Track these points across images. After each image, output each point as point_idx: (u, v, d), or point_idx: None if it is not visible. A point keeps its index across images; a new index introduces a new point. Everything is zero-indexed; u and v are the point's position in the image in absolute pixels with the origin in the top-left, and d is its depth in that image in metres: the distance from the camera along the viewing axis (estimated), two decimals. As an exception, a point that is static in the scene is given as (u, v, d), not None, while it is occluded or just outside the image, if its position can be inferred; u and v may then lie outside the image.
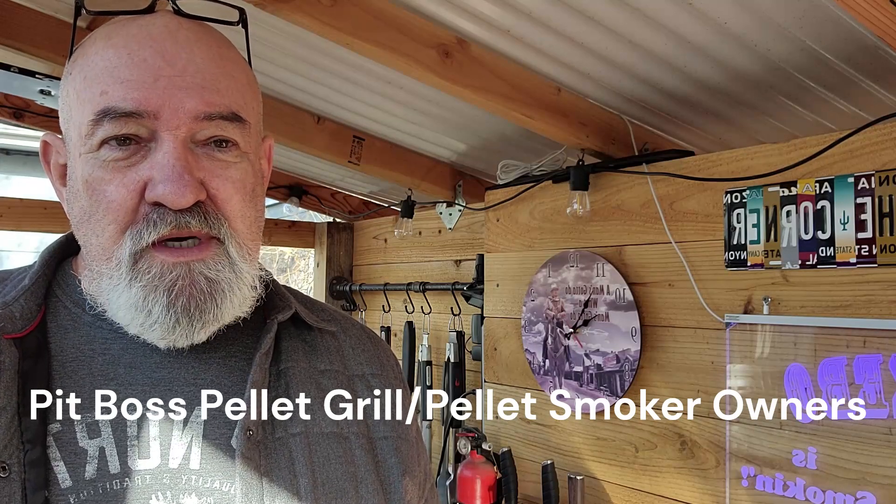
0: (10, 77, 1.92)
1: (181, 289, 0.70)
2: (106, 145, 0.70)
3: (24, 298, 0.74)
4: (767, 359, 1.54)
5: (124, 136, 0.70)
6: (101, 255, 0.72)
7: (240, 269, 0.74)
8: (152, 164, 0.70)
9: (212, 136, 0.72)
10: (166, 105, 0.69)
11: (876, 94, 1.70)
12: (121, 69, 0.70)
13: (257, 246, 0.78)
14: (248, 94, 0.77)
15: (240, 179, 0.74)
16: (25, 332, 0.72)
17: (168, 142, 0.70)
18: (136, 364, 0.74)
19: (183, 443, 0.72)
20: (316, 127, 2.29)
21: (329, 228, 3.20)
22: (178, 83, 0.70)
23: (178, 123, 0.70)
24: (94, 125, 0.70)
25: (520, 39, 1.61)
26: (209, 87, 0.72)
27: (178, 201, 0.69)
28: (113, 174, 0.70)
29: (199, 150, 0.72)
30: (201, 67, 0.72)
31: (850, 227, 1.42)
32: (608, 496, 1.86)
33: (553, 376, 1.99)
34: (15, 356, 0.70)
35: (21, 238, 5.90)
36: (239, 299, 0.75)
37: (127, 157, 0.70)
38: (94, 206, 0.71)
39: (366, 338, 0.91)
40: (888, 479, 1.36)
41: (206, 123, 0.71)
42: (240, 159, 0.75)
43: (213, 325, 0.73)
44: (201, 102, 0.71)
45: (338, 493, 0.75)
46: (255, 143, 0.78)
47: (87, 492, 0.67)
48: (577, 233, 1.97)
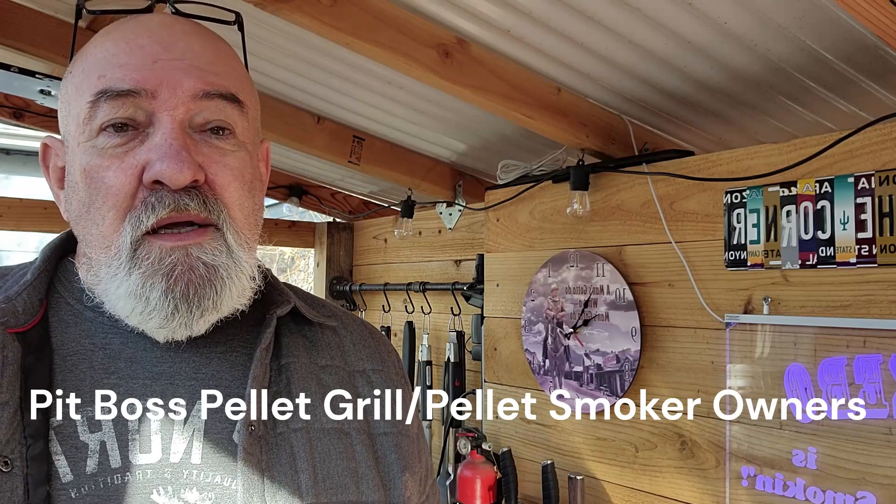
0: (10, 77, 1.92)
1: (180, 274, 0.70)
2: (104, 133, 0.70)
3: (27, 293, 0.74)
4: (767, 359, 1.54)
5: (122, 122, 0.70)
6: (101, 243, 0.72)
7: (238, 257, 0.74)
8: (150, 147, 0.70)
9: (209, 121, 0.73)
10: (164, 84, 0.70)
11: (876, 94, 1.70)
12: (119, 56, 0.71)
13: (255, 238, 0.78)
14: (246, 84, 0.78)
15: (238, 167, 0.74)
16: (28, 327, 0.72)
17: (166, 123, 0.70)
18: (137, 358, 0.74)
19: (184, 437, 0.72)
20: (316, 127, 2.29)
21: (329, 228, 3.20)
22: (177, 65, 0.71)
23: (175, 103, 0.70)
24: (92, 107, 0.70)
25: (520, 39, 1.61)
26: (207, 70, 0.72)
27: (177, 177, 0.68)
28: (111, 160, 0.70)
29: (197, 135, 0.72)
30: (199, 53, 0.73)
31: (850, 227, 1.42)
32: (608, 496, 1.86)
33: (553, 376, 1.99)
34: (18, 351, 0.70)
35: (21, 238, 5.90)
36: (238, 289, 0.74)
37: (125, 143, 0.70)
38: (93, 194, 0.71)
39: (367, 333, 0.91)
40: (888, 479, 1.36)
41: (205, 103, 0.72)
42: (237, 148, 0.75)
43: (212, 315, 0.73)
44: (199, 81, 0.71)
45: (338, 488, 0.75)
46: (252, 135, 0.78)
47: (88, 486, 0.67)
48: (577, 233, 1.97)
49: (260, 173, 0.82)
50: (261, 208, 0.81)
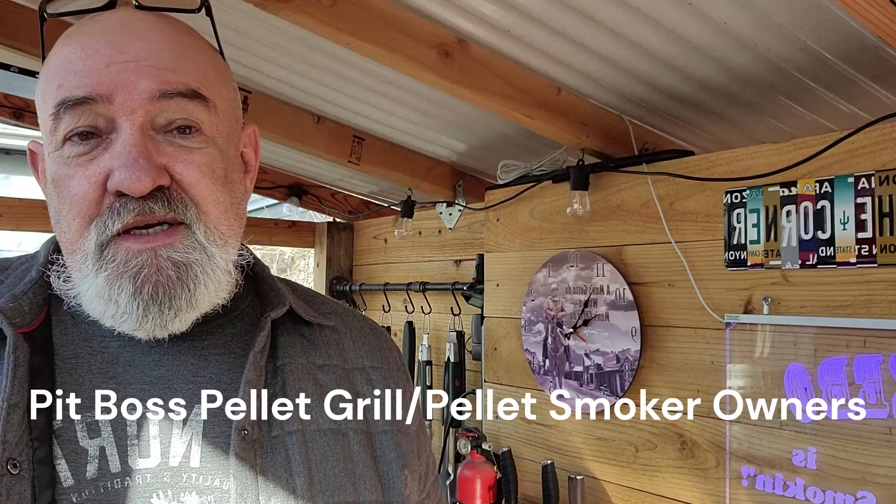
0: (10, 77, 1.92)
1: (146, 276, 0.69)
2: (68, 142, 0.70)
3: (32, 292, 0.74)
4: (767, 359, 1.54)
5: (84, 130, 0.69)
6: (69, 248, 0.72)
7: (211, 253, 0.73)
8: (112, 154, 0.69)
9: (172, 121, 0.71)
10: (119, 87, 0.69)
11: (876, 94, 1.70)
12: (74, 62, 0.70)
13: (233, 232, 0.77)
14: (212, 74, 0.75)
15: (206, 163, 0.73)
16: (33, 327, 0.72)
17: (126, 128, 0.69)
18: (135, 362, 0.74)
19: (183, 441, 0.72)
20: (316, 127, 2.29)
21: (329, 228, 3.20)
22: (131, 67, 0.69)
23: (133, 106, 0.69)
24: (54, 120, 0.70)
25: (520, 39, 1.61)
26: (164, 68, 0.71)
27: (135, 186, 0.68)
28: (75, 169, 0.70)
29: (161, 137, 0.71)
30: (155, 52, 0.71)
31: (850, 226, 1.42)
32: (608, 496, 1.86)
33: (553, 376, 1.99)
34: (27, 351, 0.70)
35: (21, 238, 5.90)
36: (214, 284, 0.74)
37: (88, 152, 0.70)
38: (61, 203, 0.71)
39: (368, 330, 0.90)
40: (888, 479, 1.36)
41: (165, 103, 0.70)
42: (205, 144, 0.73)
43: (189, 313, 0.72)
44: (156, 81, 0.70)
45: (335, 489, 0.75)
46: (224, 128, 0.76)
47: (88, 491, 0.67)
48: (577, 233, 1.97)
49: (239, 162, 0.80)
50: (243, 199, 0.79)
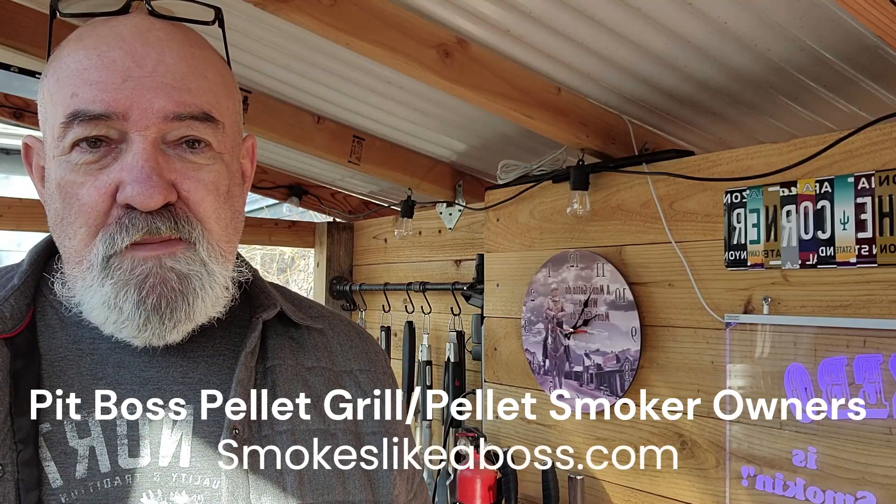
0: (10, 77, 1.92)
1: (152, 286, 0.70)
2: (77, 148, 0.70)
3: (14, 298, 0.75)
4: (767, 359, 1.54)
5: (94, 137, 0.69)
6: (74, 258, 0.72)
7: (211, 269, 0.74)
8: (122, 166, 0.69)
9: (183, 137, 0.72)
10: (135, 106, 0.69)
11: (876, 94, 1.70)
12: (90, 71, 0.70)
13: (232, 247, 0.78)
14: (222, 93, 0.76)
15: (212, 181, 0.74)
16: (16, 332, 0.73)
17: (138, 143, 0.69)
18: (125, 363, 0.75)
19: (173, 441, 0.72)
20: (316, 127, 2.29)
21: (329, 228, 3.20)
22: (147, 84, 0.70)
23: (147, 124, 0.69)
24: (64, 128, 0.70)
25: (520, 39, 1.61)
26: (179, 87, 0.71)
27: (147, 202, 0.68)
28: (85, 177, 0.70)
29: (171, 150, 0.72)
30: (171, 67, 0.71)
31: (850, 226, 1.42)
32: (608, 496, 1.86)
33: (553, 376, 1.99)
34: (6, 356, 0.70)
35: (21, 238, 5.90)
36: (211, 299, 0.75)
37: (98, 160, 0.70)
38: (66, 208, 0.71)
39: (354, 334, 0.91)
40: (888, 479, 1.36)
41: (177, 124, 0.71)
42: (213, 161, 0.74)
43: (186, 325, 0.73)
44: (171, 102, 0.70)
45: (324, 488, 0.76)
46: (230, 143, 0.77)
47: (77, 491, 0.68)
48: (577, 233, 1.97)
49: (240, 176, 0.81)
50: (241, 211, 0.81)
